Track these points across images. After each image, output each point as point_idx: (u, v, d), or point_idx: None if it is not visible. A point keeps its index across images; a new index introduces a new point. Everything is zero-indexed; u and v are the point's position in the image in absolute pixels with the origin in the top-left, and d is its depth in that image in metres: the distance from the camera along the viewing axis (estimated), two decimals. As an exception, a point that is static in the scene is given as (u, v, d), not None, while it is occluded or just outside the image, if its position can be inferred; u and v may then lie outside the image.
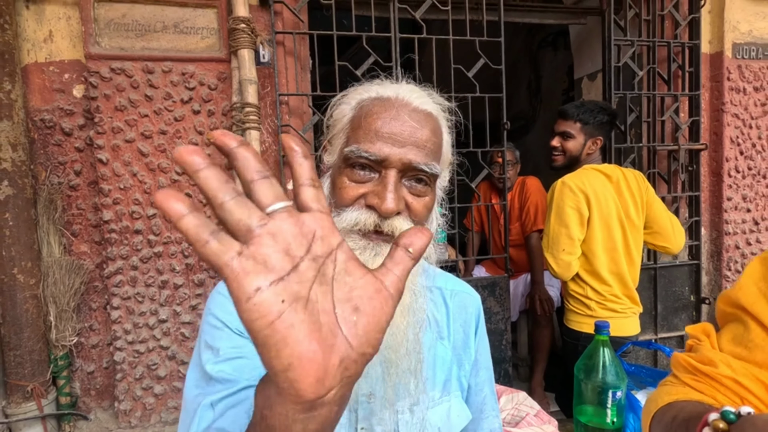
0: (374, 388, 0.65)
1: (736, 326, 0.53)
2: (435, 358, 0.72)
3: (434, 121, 0.64)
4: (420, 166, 0.60)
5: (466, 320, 0.78)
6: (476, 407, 0.79)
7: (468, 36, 2.00)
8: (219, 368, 0.57)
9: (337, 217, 0.61)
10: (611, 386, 1.12)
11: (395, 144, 0.59)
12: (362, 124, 0.61)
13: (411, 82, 0.67)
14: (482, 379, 0.79)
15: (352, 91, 0.67)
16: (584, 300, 1.72)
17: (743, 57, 2.24)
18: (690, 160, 2.26)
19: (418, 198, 0.62)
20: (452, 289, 0.79)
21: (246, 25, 1.65)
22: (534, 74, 4.60)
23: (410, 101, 0.62)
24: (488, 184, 2.79)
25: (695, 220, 2.27)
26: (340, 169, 0.63)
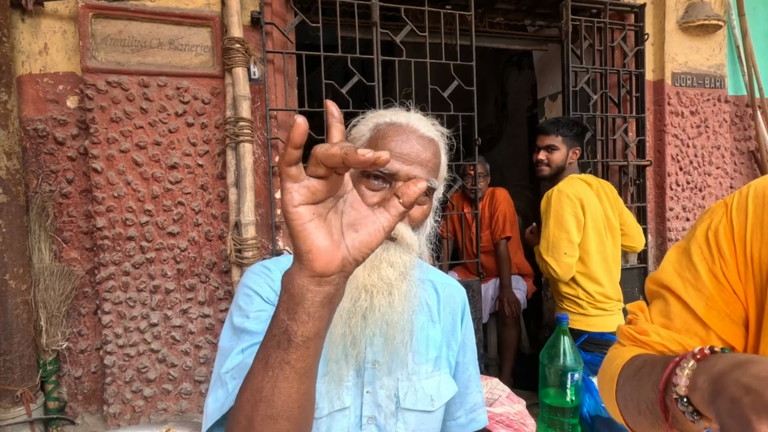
0: (378, 356, 0.80)
1: (660, 302, 0.67)
2: (428, 339, 0.87)
3: (435, 146, 0.80)
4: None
5: (454, 308, 0.93)
6: (463, 383, 0.94)
7: (444, 59, 2.19)
8: (248, 324, 0.72)
9: None
10: (570, 369, 1.30)
11: (404, 162, 0.75)
12: (379, 144, 0.77)
13: (419, 112, 0.83)
14: (468, 359, 0.95)
15: (370, 115, 0.83)
16: (576, 300, 1.86)
17: (681, 85, 2.55)
18: (637, 174, 2.54)
19: (418, 206, 0.78)
20: (443, 282, 0.95)
21: (240, 45, 1.77)
22: (500, 91, 4.90)
23: (418, 128, 0.78)
24: (460, 195, 2.99)
25: (643, 227, 2.54)
26: (358, 179, 0.77)
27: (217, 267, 1.89)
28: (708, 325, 0.62)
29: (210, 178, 1.87)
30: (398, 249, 0.76)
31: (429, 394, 0.83)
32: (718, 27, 2.52)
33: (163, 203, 1.81)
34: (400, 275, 0.76)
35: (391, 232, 0.47)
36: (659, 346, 0.63)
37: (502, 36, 2.64)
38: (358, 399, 0.79)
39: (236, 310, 0.76)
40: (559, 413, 1.32)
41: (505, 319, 2.78)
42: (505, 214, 2.82)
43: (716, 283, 0.63)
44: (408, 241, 0.77)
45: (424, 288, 0.90)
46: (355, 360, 0.77)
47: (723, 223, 0.63)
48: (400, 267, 0.76)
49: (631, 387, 0.58)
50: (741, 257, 0.61)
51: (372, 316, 0.74)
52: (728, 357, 0.42)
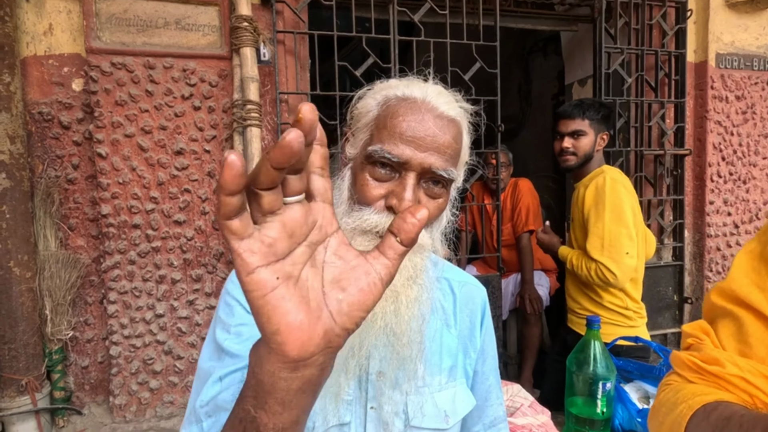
0: (384, 367, 0.69)
1: (730, 322, 0.54)
2: (441, 345, 0.75)
3: (456, 127, 0.66)
4: (439, 171, 0.63)
5: (473, 310, 0.80)
6: (482, 395, 0.82)
7: (465, 40, 2.05)
8: (228, 342, 0.63)
9: (358, 213, 0.64)
10: (601, 378, 1.17)
11: (417, 148, 0.62)
12: (387, 125, 0.64)
13: (439, 84, 0.68)
14: (488, 367, 0.82)
15: (378, 86, 0.69)
16: (624, 312, 1.63)
17: (726, 67, 2.33)
18: (675, 164, 2.34)
19: (432, 200, 0.66)
20: (459, 280, 0.82)
21: (248, 24, 1.67)
22: (524, 79, 4.69)
23: (436, 106, 0.64)
24: (481, 185, 2.85)
25: (679, 222, 2.36)
26: (362, 165, 0.65)
27: (224, 257, 1.82)
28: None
29: (217, 165, 1.79)
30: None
31: (443, 409, 0.72)
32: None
33: (169, 190, 1.75)
34: (408, 280, 0.65)
35: (391, 279, 0.34)
36: (738, 380, 0.49)
37: (528, 16, 2.46)
38: (361, 416, 0.69)
39: (218, 322, 0.67)
40: (587, 425, 1.20)
41: (526, 316, 2.64)
42: (528, 206, 2.67)
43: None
44: (420, 241, 0.65)
45: (439, 287, 0.79)
46: (357, 370, 0.66)
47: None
48: (408, 270, 0.65)
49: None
50: None
51: (373, 325, 0.64)
52: None
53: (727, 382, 0.50)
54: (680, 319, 2.39)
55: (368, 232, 0.63)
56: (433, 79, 0.69)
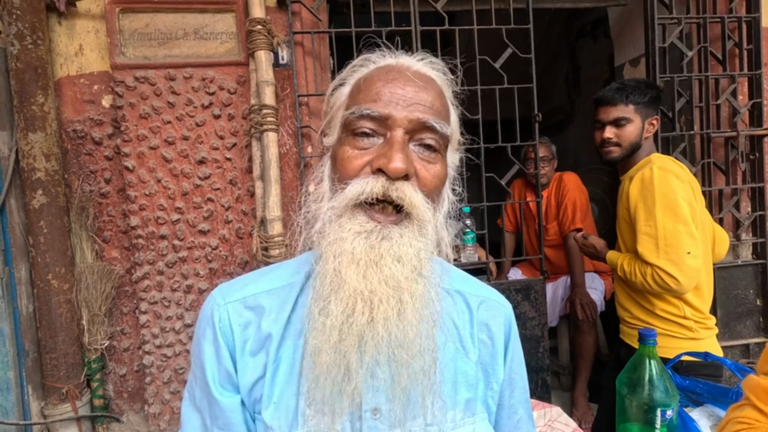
0: (379, 401, 0.57)
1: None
2: (456, 374, 0.63)
3: (437, 87, 0.59)
4: (429, 121, 0.55)
5: (495, 332, 0.68)
6: (509, 430, 0.70)
7: (494, 25, 1.89)
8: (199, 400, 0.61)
9: (341, 192, 0.55)
10: (659, 404, 0.98)
11: (399, 103, 0.54)
12: (362, 88, 0.57)
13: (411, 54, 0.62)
14: (517, 399, 0.70)
15: (349, 70, 0.63)
16: (682, 321, 1.41)
17: (813, 29, 1.98)
18: (751, 147, 2.02)
19: (428, 165, 0.57)
20: (477, 294, 0.69)
21: (262, 26, 1.64)
22: (572, 66, 4.36)
23: (411, 65, 0.59)
24: (523, 182, 2.65)
25: (759, 214, 2.03)
26: (340, 140, 0.58)
27: (249, 265, 1.79)
28: None
29: (239, 173, 1.77)
30: (406, 233, 0.54)
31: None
32: None
33: (192, 200, 1.75)
34: (413, 271, 0.54)
35: None
36: None
37: (567, -7, 2.24)
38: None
39: (191, 375, 0.64)
40: (644, 458, 1.01)
41: (578, 323, 2.40)
42: (575, 203, 2.43)
43: None
44: (420, 214, 0.55)
45: (452, 302, 0.66)
46: (350, 402, 0.55)
47: None
48: (412, 260, 0.54)
49: None
50: None
51: (373, 336, 0.53)
52: None
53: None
54: (765, 327, 2.05)
55: (357, 210, 0.55)
56: (401, 51, 0.62)
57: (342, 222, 0.55)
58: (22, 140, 1.60)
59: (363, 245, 0.53)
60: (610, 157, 1.52)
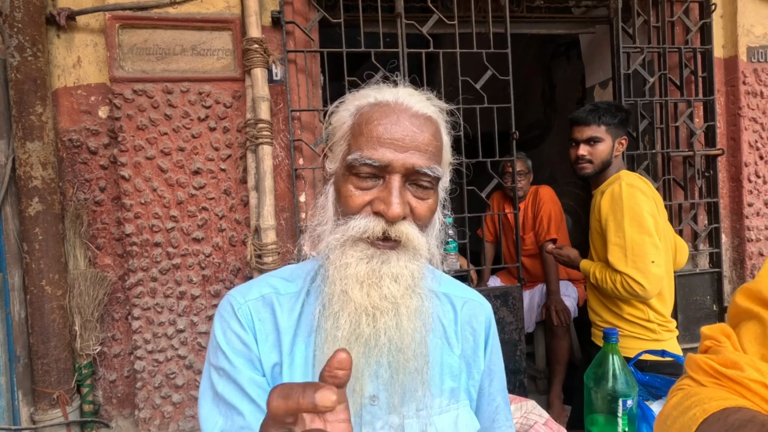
0: (379, 390, 0.66)
1: (755, 324, 0.51)
2: (442, 366, 0.72)
3: (434, 125, 0.65)
4: (423, 169, 0.62)
5: (476, 329, 0.77)
6: (489, 416, 0.79)
7: (475, 48, 2.03)
8: (226, 390, 0.65)
9: (344, 225, 0.63)
10: (621, 394, 1.10)
11: (397, 149, 0.61)
12: (363, 131, 0.63)
13: (409, 86, 0.68)
14: (495, 388, 0.79)
15: (350, 98, 0.69)
16: (645, 324, 1.55)
17: (759, 60, 2.20)
18: (707, 165, 2.22)
19: (422, 201, 0.64)
20: (462, 296, 0.79)
21: (259, 46, 1.73)
22: (548, 84, 4.59)
23: (410, 106, 0.63)
24: (501, 194, 2.79)
25: (714, 227, 2.22)
26: (344, 177, 0.64)
27: (241, 272, 1.85)
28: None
29: (233, 183, 1.84)
30: (402, 257, 0.63)
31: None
32: (806, -10, 2.16)
33: (187, 209, 1.81)
34: (407, 289, 0.63)
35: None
36: (758, 387, 0.46)
37: (542, 21, 2.42)
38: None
39: (209, 362, 0.68)
40: (608, 445, 1.13)
41: (553, 328, 2.54)
42: (550, 215, 2.59)
43: None
44: (415, 244, 0.63)
45: (439, 303, 0.76)
46: (359, 397, 0.65)
47: None
48: (407, 279, 0.63)
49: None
50: None
51: (376, 343, 0.62)
52: None
53: (746, 388, 0.46)
54: (721, 331, 2.23)
55: (358, 240, 0.63)
56: (403, 82, 0.68)
57: (345, 249, 0.63)
58: (19, 149, 1.64)
59: (365, 269, 0.62)
60: (583, 173, 1.67)
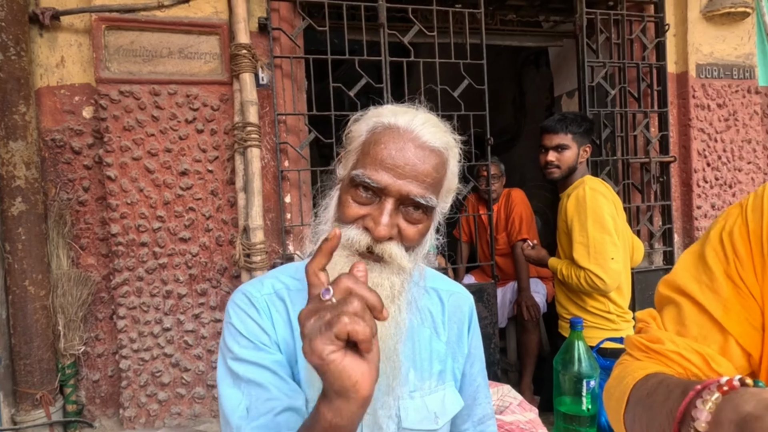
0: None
1: (673, 308, 0.63)
2: (431, 352, 0.81)
3: (439, 157, 0.69)
4: (417, 198, 0.66)
5: (461, 318, 0.87)
6: (470, 395, 0.88)
7: (453, 59, 2.15)
8: (244, 370, 0.70)
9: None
10: (585, 376, 1.23)
11: (396, 176, 0.66)
12: (371, 152, 0.68)
13: (429, 112, 0.72)
14: (476, 370, 0.89)
15: (371, 113, 0.73)
16: (606, 315, 1.70)
17: (706, 76, 2.43)
18: (661, 171, 2.42)
19: (412, 225, 0.69)
20: (448, 289, 0.88)
21: (247, 51, 1.78)
22: (518, 91, 4.80)
23: (419, 135, 0.67)
24: (476, 196, 2.93)
25: (668, 227, 2.43)
26: (347, 187, 0.70)
27: (228, 272, 1.90)
28: (726, 329, 0.58)
29: (220, 184, 1.89)
30: (385, 270, 0.68)
31: (433, 411, 0.78)
32: (746, 14, 2.39)
33: (174, 209, 1.84)
34: (385, 299, 0.66)
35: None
36: (675, 356, 0.58)
37: (514, 33, 2.58)
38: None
39: (227, 351, 0.72)
40: (575, 422, 1.25)
41: (524, 323, 2.69)
42: (521, 216, 2.75)
43: (732, 286, 0.58)
44: (398, 263, 0.68)
45: (428, 297, 0.85)
46: None
47: (738, 224, 0.60)
48: (386, 290, 0.68)
49: (642, 409, 0.53)
50: (758, 258, 0.57)
51: None
52: (762, 397, 0.36)
53: (667, 358, 0.57)
54: (674, 322, 2.44)
55: (346, 247, 0.68)
56: (424, 108, 0.72)
57: (335, 253, 0.67)
58: (2, 148, 1.63)
59: (347, 268, 0.66)
60: (551, 177, 1.83)
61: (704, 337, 0.59)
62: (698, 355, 0.57)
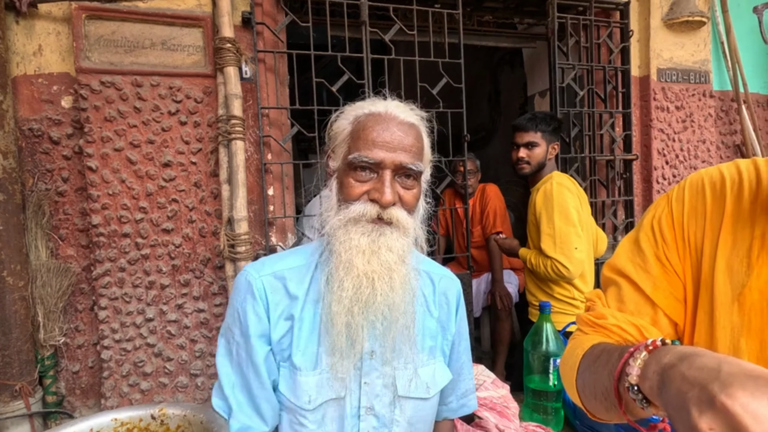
0: (375, 346, 0.83)
1: (614, 288, 0.72)
2: (423, 329, 0.91)
3: (416, 130, 0.82)
4: (409, 165, 0.79)
5: (450, 299, 0.97)
6: (456, 370, 0.98)
7: (432, 57, 2.23)
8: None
9: (345, 209, 0.79)
10: (552, 354, 1.34)
11: (388, 150, 0.77)
12: (361, 136, 0.79)
13: (396, 99, 0.85)
14: (462, 348, 1.00)
15: (348, 109, 0.85)
16: (570, 301, 1.82)
17: (666, 80, 2.60)
18: (624, 168, 2.58)
19: (408, 191, 0.81)
20: (438, 273, 0.98)
21: (231, 45, 1.81)
22: (494, 89, 4.94)
23: (397, 115, 0.80)
24: (452, 191, 3.03)
25: (630, 221, 2.60)
26: (345, 172, 0.80)
27: (211, 262, 1.92)
28: (656, 303, 0.67)
29: (203, 176, 1.90)
30: (395, 233, 0.79)
31: (425, 381, 0.87)
32: (702, 23, 2.57)
33: (157, 200, 1.85)
34: (399, 259, 0.79)
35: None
36: (616, 329, 0.67)
37: (490, 34, 2.68)
38: (356, 390, 0.82)
39: (227, 329, 0.83)
40: (542, 398, 1.37)
41: (497, 312, 2.82)
42: (496, 210, 2.87)
43: (661, 266, 0.68)
44: (404, 224, 0.79)
45: (421, 278, 0.93)
46: (359, 349, 0.80)
47: (665, 212, 0.69)
48: (399, 251, 0.79)
49: (589, 374, 0.62)
50: (680, 241, 0.67)
51: (374, 302, 0.78)
52: (677, 350, 0.45)
53: (609, 331, 0.67)
54: (634, 309, 2.61)
55: (359, 221, 0.79)
56: (390, 96, 0.85)
57: (348, 227, 0.79)
58: (-22, 137, 1.60)
59: (366, 240, 0.78)
60: (522, 172, 1.95)
61: (639, 312, 0.68)
62: (634, 327, 0.66)
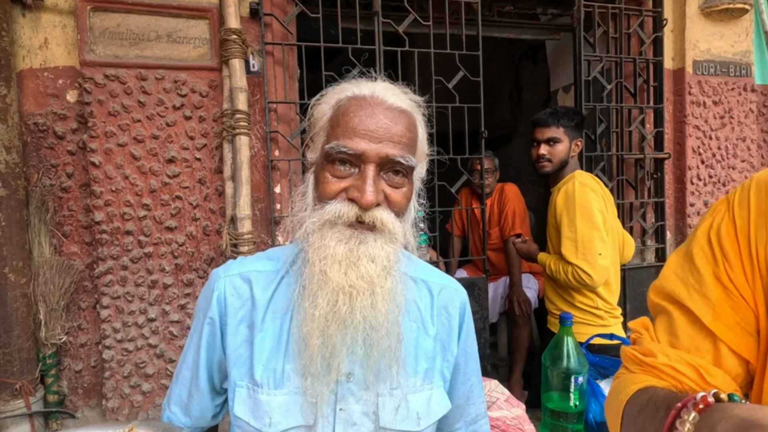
0: (354, 368, 0.70)
1: (664, 317, 0.60)
2: (417, 348, 0.76)
3: (408, 117, 0.68)
4: (396, 158, 0.65)
5: (451, 314, 0.81)
6: (464, 394, 0.84)
7: (448, 49, 2.12)
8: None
9: (320, 209, 0.66)
10: (574, 372, 1.22)
11: (372, 140, 0.64)
12: (340, 122, 0.66)
13: (386, 80, 0.71)
14: (471, 368, 0.84)
15: (330, 91, 0.72)
16: (594, 311, 1.68)
17: (703, 73, 2.41)
18: (655, 168, 2.41)
19: (396, 189, 0.67)
20: (438, 282, 0.82)
21: (237, 36, 1.74)
22: (515, 86, 4.77)
23: (385, 99, 0.66)
24: (469, 190, 2.91)
25: (660, 224, 2.42)
26: (322, 165, 0.68)
27: (215, 262, 1.86)
28: (718, 336, 0.55)
29: (208, 173, 1.85)
30: (379, 239, 0.66)
31: (416, 411, 0.73)
32: (744, 11, 2.37)
33: (161, 197, 1.80)
34: (383, 270, 0.66)
35: None
36: (668, 369, 0.55)
37: (511, 25, 2.54)
38: (329, 417, 0.69)
39: (194, 317, 0.81)
40: (562, 418, 1.24)
41: (515, 318, 2.68)
42: (515, 211, 2.73)
43: (722, 289, 0.55)
44: (390, 229, 0.66)
45: (416, 288, 0.80)
46: (336, 373, 0.67)
47: (725, 221, 0.56)
48: (383, 260, 0.66)
49: (634, 429, 0.52)
50: (746, 257, 0.54)
51: (352, 321, 0.65)
52: (734, 414, 0.36)
53: (659, 371, 0.55)
54: (664, 319, 2.43)
55: (335, 224, 0.65)
56: (381, 77, 0.71)
57: (324, 232, 0.65)
58: (-19, 131, 1.58)
59: (344, 249, 0.65)
60: (543, 170, 1.80)
61: (696, 348, 0.56)
62: (691, 368, 0.54)
